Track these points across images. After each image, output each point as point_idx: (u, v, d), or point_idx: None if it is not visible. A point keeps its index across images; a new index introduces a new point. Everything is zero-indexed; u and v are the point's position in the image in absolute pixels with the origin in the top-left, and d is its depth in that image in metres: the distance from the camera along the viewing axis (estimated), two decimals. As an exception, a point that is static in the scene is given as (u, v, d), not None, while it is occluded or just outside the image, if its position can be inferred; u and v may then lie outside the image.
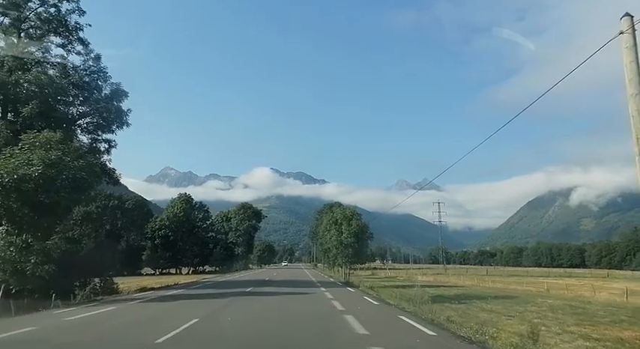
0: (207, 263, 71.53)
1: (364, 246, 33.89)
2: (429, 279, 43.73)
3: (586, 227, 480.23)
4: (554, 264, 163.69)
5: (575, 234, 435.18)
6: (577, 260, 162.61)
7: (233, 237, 68.81)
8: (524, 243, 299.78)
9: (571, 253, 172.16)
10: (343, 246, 32.23)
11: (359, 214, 34.30)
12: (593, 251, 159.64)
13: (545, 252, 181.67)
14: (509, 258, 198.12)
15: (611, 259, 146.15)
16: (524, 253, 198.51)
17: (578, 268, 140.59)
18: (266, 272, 59.88)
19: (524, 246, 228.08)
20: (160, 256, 67.12)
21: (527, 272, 75.14)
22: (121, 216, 66.96)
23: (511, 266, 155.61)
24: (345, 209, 36.28)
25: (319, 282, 32.97)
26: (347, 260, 33.09)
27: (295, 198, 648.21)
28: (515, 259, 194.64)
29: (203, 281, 36.93)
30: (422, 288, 22.25)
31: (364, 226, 33.08)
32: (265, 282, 33.05)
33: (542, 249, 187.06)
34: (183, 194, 70.05)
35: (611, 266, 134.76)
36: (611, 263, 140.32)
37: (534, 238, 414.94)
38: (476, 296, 22.75)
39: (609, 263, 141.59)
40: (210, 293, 22.81)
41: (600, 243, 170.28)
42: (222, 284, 31.44)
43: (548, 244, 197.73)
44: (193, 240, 68.44)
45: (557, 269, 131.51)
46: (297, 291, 23.90)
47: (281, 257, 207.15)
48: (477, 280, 41.31)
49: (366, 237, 33.45)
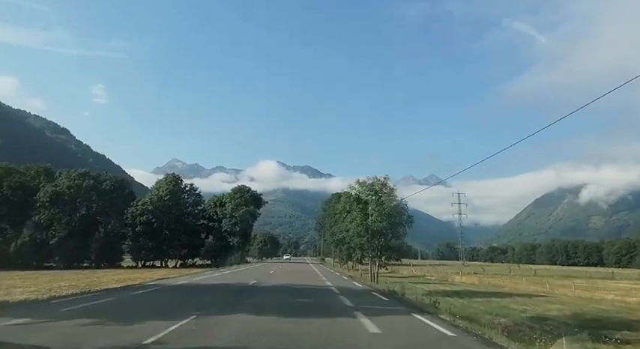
0: (197, 255, 61.75)
1: (400, 235, 23.74)
2: (473, 281, 33.78)
3: (595, 225, 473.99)
4: (570, 262, 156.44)
5: (583, 231, 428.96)
6: (594, 258, 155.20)
7: (227, 225, 58.76)
8: (531, 240, 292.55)
9: (588, 251, 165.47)
10: (370, 234, 22.49)
11: (393, 188, 24.14)
12: (612, 249, 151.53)
13: (561, 250, 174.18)
14: (521, 255, 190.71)
15: (631, 257, 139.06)
16: (538, 250, 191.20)
17: (595, 266, 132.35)
18: (262, 268, 47.43)
19: (532, 243, 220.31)
20: (141, 246, 57.48)
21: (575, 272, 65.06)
22: (97, 198, 57.29)
23: (525, 264, 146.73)
24: (372, 182, 25.51)
25: (339, 290, 20.00)
26: (376, 253, 23.25)
27: (301, 192, 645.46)
28: (528, 256, 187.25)
29: (156, 284, 21.90)
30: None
31: (401, 206, 23.17)
32: (245, 291, 18.95)
33: (557, 247, 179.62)
34: (171, 174, 59.88)
35: (632, 266, 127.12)
36: (632, 262, 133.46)
37: (542, 235, 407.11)
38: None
39: (629, 262, 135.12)
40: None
41: (619, 241, 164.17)
42: (165, 294, 17.84)
43: (563, 241, 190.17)
44: (181, 228, 58.62)
45: (587, 267, 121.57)
46: (302, 330, 9.34)
47: (285, 250, 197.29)
48: (542, 284, 31.36)
49: (403, 220, 23.47)
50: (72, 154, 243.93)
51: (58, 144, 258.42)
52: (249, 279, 25.44)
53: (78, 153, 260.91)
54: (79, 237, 56.07)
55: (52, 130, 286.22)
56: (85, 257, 58.11)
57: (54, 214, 55.32)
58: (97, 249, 57.74)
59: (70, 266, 52.42)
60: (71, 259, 55.37)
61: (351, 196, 24.60)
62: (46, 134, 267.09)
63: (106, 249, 57.75)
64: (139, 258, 58.94)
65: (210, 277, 28.47)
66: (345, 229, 31.92)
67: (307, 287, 20.91)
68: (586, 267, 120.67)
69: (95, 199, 57.43)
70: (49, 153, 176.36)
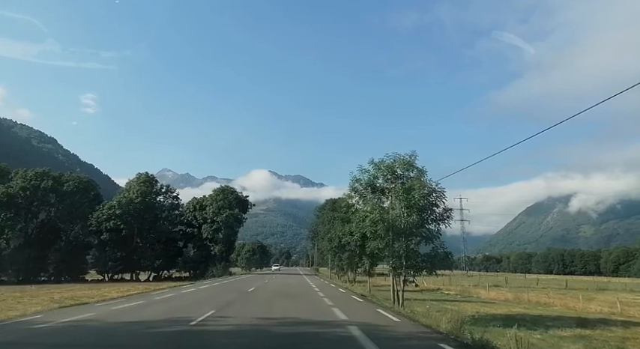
0: (174, 266, 53.98)
1: (434, 235, 16.56)
2: (506, 297, 27.18)
3: (585, 233, 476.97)
4: (566, 271, 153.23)
5: (573, 240, 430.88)
6: (591, 267, 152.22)
7: (208, 232, 51.21)
8: (522, 249, 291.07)
9: (585, 259, 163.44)
10: (392, 235, 15.74)
11: (423, 170, 17.19)
12: (609, 257, 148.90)
13: (557, 259, 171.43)
14: (517, 264, 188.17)
15: (629, 266, 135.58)
16: (534, 259, 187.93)
17: (592, 275, 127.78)
18: (244, 283, 36.92)
19: (527, 252, 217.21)
20: (108, 256, 49.82)
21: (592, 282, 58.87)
22: (56, 201, 49.67)
23: (521, 273, 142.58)
24: (392, 161, 17.50)
25: (368, 333, 9.47)
26: (400, 263, 16.10)
27: (293, 202, 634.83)
28: (523, 265, 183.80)
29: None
30: None
31: (436, 193, 16.25)
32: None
33: (553, 255, 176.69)
34: (144, 173, 52.26)
35: (630, 274, 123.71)
36: (630, 271, 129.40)
37: (532, 244, 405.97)
38: None
39: (627, 271, 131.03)
40: None
41: (617, 249, 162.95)
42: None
43: (559, 250, 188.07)
44: (156, 235, 51.11)
45: (584, 276, 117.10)
46: None
47: (277, 260, 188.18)
48: (590, 299, 24.98)
49: (438, 215, 16.56)
50: (59, 164, 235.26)
51: (45, 154, 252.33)
52: (209, 306, 15.71)
53: (65, 163, 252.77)
54: (36, 247, 48.55)
55: (39, 139, 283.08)
56: (43, 269, 50.40)
57: (6, 220, 47.64)
58: (57, 261, 50.09)
59: (25, 281, 45.10)
60: (27, 272, 47.88)
61: (362, 182, 17.75)
62: (33, 143, 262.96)
63: (68, 260, 50.14)
64: (105, 271, 51.20)
65: (154, 302, 18.04)
66: (348, 232, 25.26)
67: (307, 333, 10.32)
68: (586, 276, 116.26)
69: (55, 203, 49.88)
70: (34, 162, 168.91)
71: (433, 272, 15.96)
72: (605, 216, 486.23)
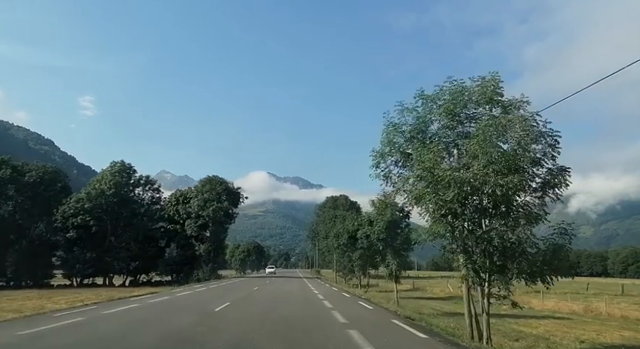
0: (154, 269, 46.74)
1: (540, 217, 9.73)
2: (574, 309, 20.37)
3: (584, 234, 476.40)
4: (573, 273, 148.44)
5: (573, 241, 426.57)
6: (598, 268, 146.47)
7: (192, 229, 44.08)
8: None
9: (591, 260, 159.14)
10: (477, 212, 8.89)
11: (524, 100, 9.83)
12: (617, 258, 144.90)
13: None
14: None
15: (639, 267, 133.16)
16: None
17: (600, 276, 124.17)
18: (226, 292, 28.20)
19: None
20: (76, 258, 42.65)
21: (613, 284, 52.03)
22: (15, 193, 42.43)
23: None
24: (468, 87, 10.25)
25: None
26: (484, 262, 9.00)
27: (292, 203, 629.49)
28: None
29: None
30: None
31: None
32: None
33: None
34: (119, 161, 44.78)
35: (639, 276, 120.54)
36: (639, 272, 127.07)
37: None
38: None
39: (637, 272, 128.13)
40: None
41: (625, 250, 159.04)
42: None
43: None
44: (132, 233, 43.95)
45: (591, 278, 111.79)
46: None
47: (275, 261, 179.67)
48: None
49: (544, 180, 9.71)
50: (55, 165, 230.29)
51: (41, 155, 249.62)
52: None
53: (62, 165, 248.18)
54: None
55: (36, 141, 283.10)
56: (1, 273, 43.24)
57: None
58: (16, 263, 42.87)
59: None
60: (-20, 276, 40.66)
61: (406, 129, 10.64)
62: (29, 145, 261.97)
63: (29, 263, 42.85)
64: (73, 274, 44.02)
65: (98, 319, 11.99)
66: (367, 220, 18.42)
67: None
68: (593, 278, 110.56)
69: (14, 195, 42.62)
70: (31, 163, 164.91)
71: (553, 278, 9.12)
72: (604, 217, 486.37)
